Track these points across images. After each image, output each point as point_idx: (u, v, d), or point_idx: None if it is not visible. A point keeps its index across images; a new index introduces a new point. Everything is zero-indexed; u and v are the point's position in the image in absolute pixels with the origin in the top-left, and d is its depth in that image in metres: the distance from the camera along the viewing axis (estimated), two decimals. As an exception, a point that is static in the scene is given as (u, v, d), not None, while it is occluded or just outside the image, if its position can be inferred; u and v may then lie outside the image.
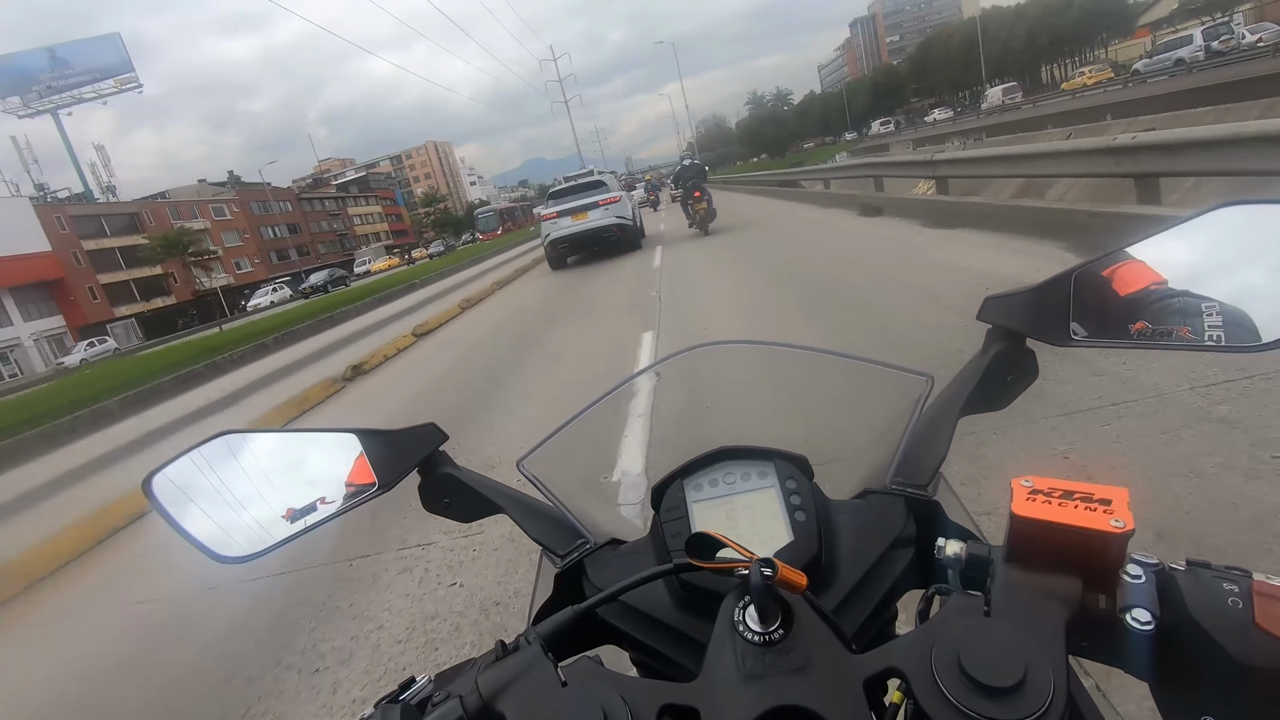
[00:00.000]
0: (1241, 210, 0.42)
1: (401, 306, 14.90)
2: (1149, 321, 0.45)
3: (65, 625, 3.00)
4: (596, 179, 13.51)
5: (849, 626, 0.40)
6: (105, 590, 3.23)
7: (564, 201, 12.75)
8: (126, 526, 3.98)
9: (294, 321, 15.34)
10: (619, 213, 12.45)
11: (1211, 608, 0.31)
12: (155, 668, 2.39)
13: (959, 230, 6.89)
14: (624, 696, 0.31)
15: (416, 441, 0.54)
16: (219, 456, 0.52)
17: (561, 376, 4.88)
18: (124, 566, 3.49)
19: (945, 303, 4.18)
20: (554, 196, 13.34)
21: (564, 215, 12.46)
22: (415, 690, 0.38)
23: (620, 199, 12.59)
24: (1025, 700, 0.27)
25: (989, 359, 0.51)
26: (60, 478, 5.88)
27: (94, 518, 4.16)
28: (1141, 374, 2.51)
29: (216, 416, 7.03)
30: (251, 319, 28.97)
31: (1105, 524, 0.32)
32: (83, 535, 3.96)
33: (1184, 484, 1.81)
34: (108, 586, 3.27)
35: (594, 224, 12.31)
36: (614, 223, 12.36)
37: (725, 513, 0.45)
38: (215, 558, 0.50)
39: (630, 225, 12.81)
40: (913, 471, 0.47)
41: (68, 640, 2.82)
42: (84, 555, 3.74)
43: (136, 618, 2.83)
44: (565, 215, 12.45)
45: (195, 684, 2.21)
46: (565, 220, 12.48)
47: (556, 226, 12.57)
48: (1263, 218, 0.42)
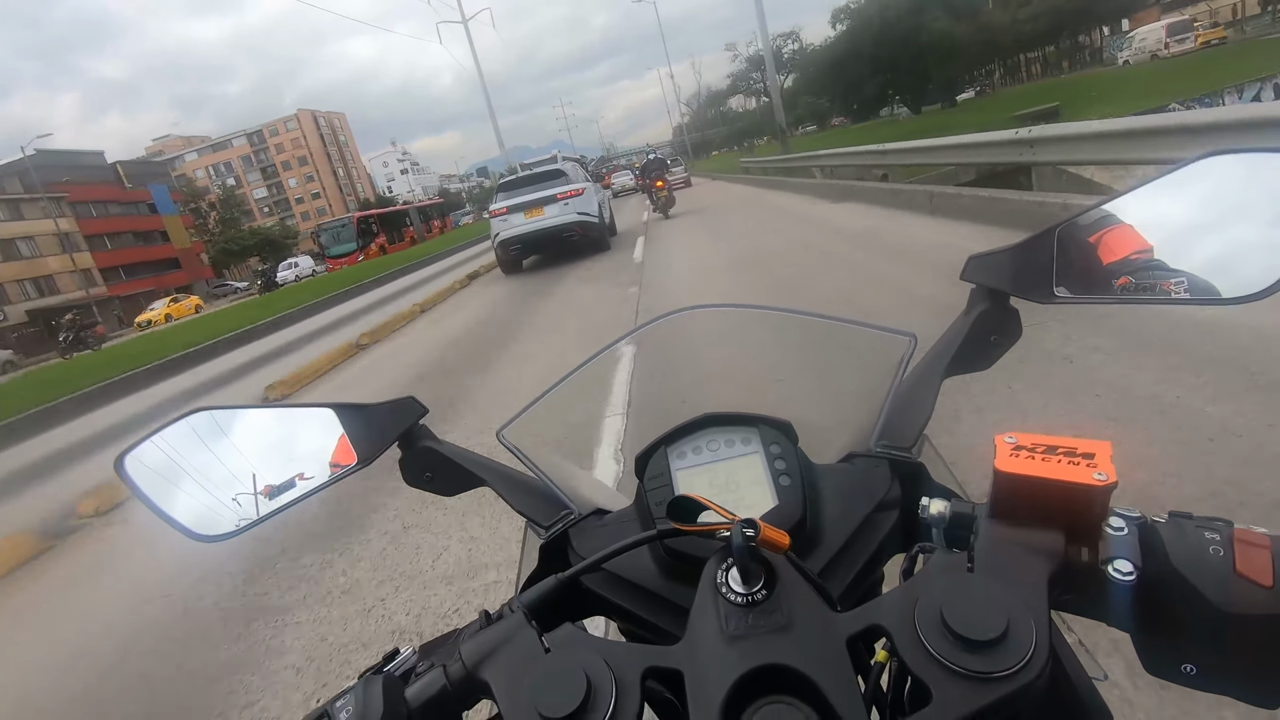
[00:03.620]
0: (1228, 160, 0.41)
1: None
2: (1133, 276, 0.45)
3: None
4: (554, 168, 11.55)
5: (835, 589, 0.40)
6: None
7: (515, 195, 10.73)
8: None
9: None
10: (581, 208, 10.51)
11: (1193, 557, 0.31)
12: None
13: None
14: (608, 661, 0.31)
15: (396, 415, 0.54)
16: (193, 434, 0.51)
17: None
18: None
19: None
20: (504, 189, 11.27)
21: (515, 211, 10.47)
22: (399, 661, 0.38)
23: (584, 191, 10.58)
24: (1007, 652, 0.27)
25: (972, 319, 0.51)
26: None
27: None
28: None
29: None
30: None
31: (1088, 477, 0.32)
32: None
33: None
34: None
35: (551, 221, 10.37)
36: (574, 220, 10.39)
37: (709, 479, 0.45)
38: (193, 536, 0.49)
39: (595, 222, 10.79)
40: (897, 434, 0.47)
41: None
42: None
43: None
44: (516, 211, 10.46)
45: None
46: (516, 217, 10.48)
47: (506, 225, 10.56)
48: (1250, 167, 0.41)
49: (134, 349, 15.10)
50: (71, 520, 4.14)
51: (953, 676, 0.27)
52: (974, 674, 0.27)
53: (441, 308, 9.98)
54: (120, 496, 4.14)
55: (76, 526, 4.05)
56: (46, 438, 7.72)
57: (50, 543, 3.88)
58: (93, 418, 8.29)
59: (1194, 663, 0.32)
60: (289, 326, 13.12)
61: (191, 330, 16.41)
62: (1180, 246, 0.44)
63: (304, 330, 11.87)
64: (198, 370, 10.21)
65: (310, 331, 11.33)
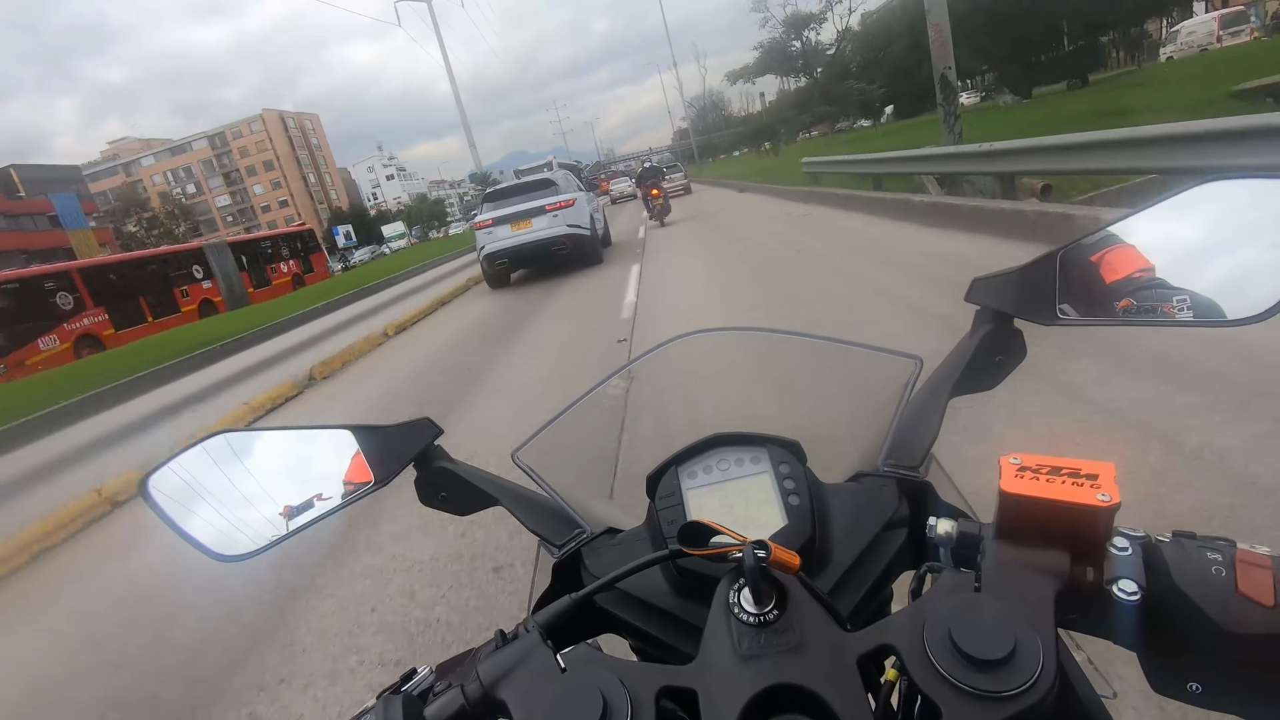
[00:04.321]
0: (1227, 185, 0.42)
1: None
2: (1134, 299, 0.45)
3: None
4: (543, 178, 10.82)
5: (844, 608, 0.40)
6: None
7: (502, 205, 10.11)
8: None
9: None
10: (572, 220, 9.89)
11: (1196, 577, 0.31)
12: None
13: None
14: (623, 680, 0.31)
15: (411, 436, 0.55)
16: (215, 456, 0.52)
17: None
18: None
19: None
20: (490, 199, 10.65)
21: (501, 223, 9.88)
22: (417, 681, 0.39)
23: (574, 202, 9.97)
24: (1015, 671, 0.27)
25: (978, 340, 0.52)
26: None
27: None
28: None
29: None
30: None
31: (1092, 498, 0.32)
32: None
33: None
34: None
35: (538, 234, 9.78)
36: (564, 233, 9.79)
37: (719, 499, 0.45)
38: (214, 557, 0.50)
39: (586, 235, 10.11)
40: (904, 453, 0.48)
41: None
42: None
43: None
44: (502, 223, 9.87)
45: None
46: (503, 229, 9.87)
47: (492, 237, 9.95)
48: (1248, 192, 0.42)
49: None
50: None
51: (962, 695, 0.27)
52: (983, 693, 0.27)
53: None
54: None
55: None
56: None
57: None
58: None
59: (1199, 681, 0.32)
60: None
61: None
62: (1182, 269, 0.44)
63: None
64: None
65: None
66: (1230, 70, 12.37)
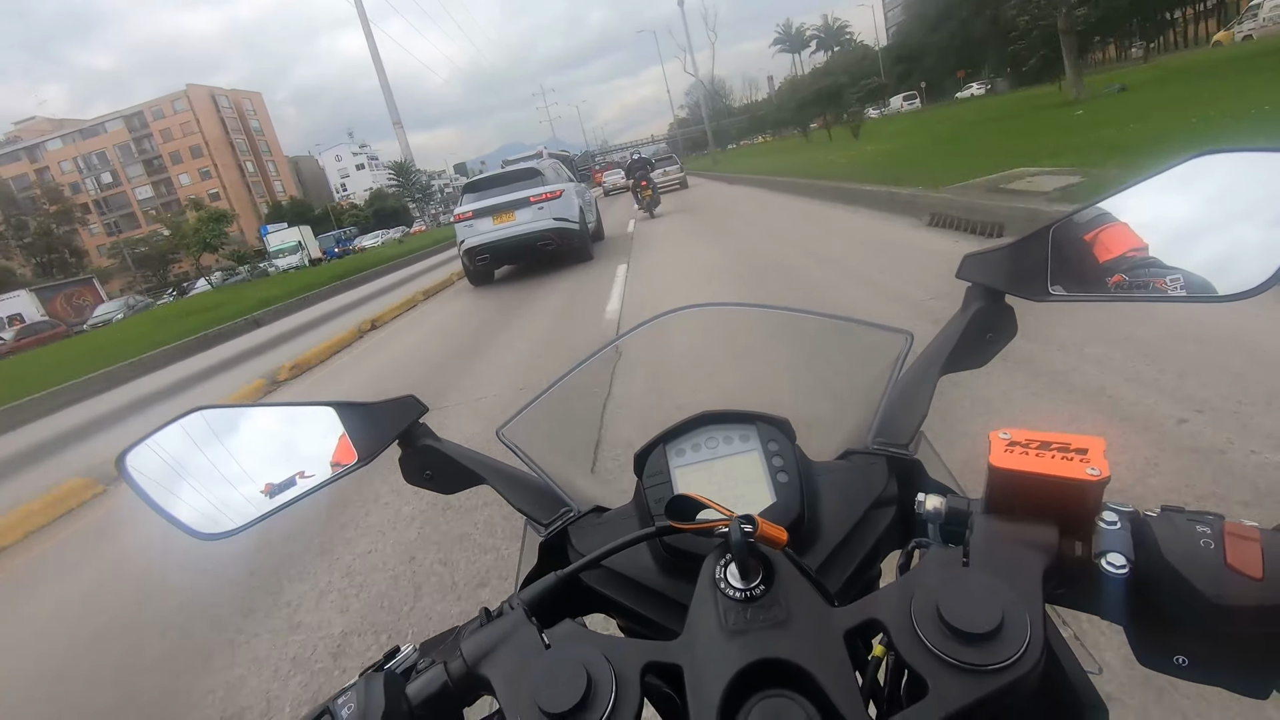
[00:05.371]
0: (1221, 158, 0.42)
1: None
2: (1127, 274, 0.45)
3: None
4: (528, 167, 10.08)
5: (833, 585, 0.40)
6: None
7: (483, 197, 9.40)
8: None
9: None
10: (559, 212, 9.13)
11: (1185, 550, 0.31)
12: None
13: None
14: (608, 656, 0.31)
15: (396, 413, 0.54)
16: (194, 432, 0.51)
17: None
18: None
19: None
20: (471, 190, 9.92)
21: (481, 216, 9.14)
22: (400, 659, 0.38)
23: (562, 194, 9.21)
24: (1002, 645, 0.27)
25: (968, 317, 0.51)
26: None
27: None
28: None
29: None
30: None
31: (1081, 473, 0.32)
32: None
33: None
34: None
35: (523, 228, 9.05)
36: (550, 227, 9.04)
37: (708, 476, 0.45)
38: (193, 534, 0.49)
39: (574, 229, 9.34)
40: (894, 431, 0.47)
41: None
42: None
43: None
44: (484, 216, 9.14)
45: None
46: (484, 222, 9.14)
47: (472, 231, 9.20)
48: (1242, 165, 0.42)
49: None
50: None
51: (949, 669, 0.27)
52: (970, 666, 0.27)
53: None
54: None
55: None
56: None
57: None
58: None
59: (1186, 654, 0.32)
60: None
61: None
62: (1174, 244, 0.44)
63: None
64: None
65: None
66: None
